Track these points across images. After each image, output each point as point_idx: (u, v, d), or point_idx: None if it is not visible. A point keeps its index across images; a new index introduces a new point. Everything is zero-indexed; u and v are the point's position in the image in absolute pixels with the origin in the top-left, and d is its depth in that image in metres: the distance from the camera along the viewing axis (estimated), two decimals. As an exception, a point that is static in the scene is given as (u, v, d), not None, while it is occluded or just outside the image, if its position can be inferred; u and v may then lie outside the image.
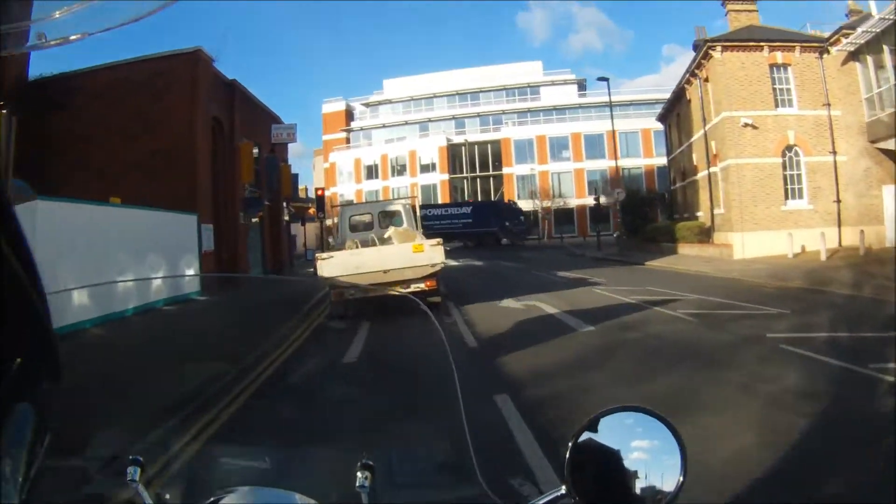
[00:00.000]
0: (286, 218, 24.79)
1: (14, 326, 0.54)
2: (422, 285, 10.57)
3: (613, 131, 28.96)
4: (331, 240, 21.78)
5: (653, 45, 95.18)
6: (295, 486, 1.17)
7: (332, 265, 10.70)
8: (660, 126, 51.83)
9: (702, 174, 24.75)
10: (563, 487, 1.00)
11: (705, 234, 23.32)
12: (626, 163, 53.61)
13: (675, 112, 29.70)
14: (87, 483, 1.38)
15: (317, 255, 12.26)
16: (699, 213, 25.75)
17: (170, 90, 17.81)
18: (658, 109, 53.01)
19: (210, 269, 16.39)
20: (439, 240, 11.16)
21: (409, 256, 10.69)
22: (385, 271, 10.46)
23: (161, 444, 2.71)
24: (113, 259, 12.16)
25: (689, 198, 27.75)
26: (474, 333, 8.93)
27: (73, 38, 0.65)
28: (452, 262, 26.92)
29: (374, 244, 11.89)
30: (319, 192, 20.65)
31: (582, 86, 62.54)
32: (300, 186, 41.30)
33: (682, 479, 0.99)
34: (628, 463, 1.00)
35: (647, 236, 26.66)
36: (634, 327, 8.72)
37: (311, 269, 15.58)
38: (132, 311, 12.09)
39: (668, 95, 29.24)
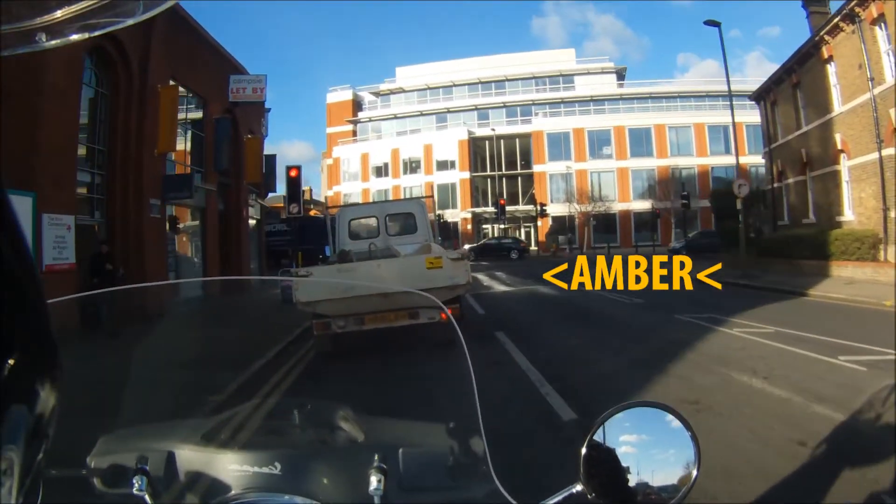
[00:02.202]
0: (251, 215, 17.13)
1: (10, 324, 0.50)
2: (436, 316, 7.36)
3: (731, 108, 20.63)
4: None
5: (668, 54, 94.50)
6: (306, 492, 1.13)
7: (311, 286, 7.71)
8: (716, 120, 44.64)
9: (856, 160, 16.95)
10: (578, 484, 0.97)
11: (874, 249, 15.53)
12: (677, 161, 45.79)
13: (788, 83, 21.89)
14: (90, 496, 1.23)
15: (294, 270, 10.40)
16: (841, 218, 17.96)
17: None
18: (709, 102, 46.15)
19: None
20: (464, 251, 8.78)
21: (422, 274, 7.79)
22: (385, 295, 7.29)
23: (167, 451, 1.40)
24: None
25: (818, 197, 19.93)
26: None
27: (73, 38, 0.64)
28: (496, 286, 18.90)
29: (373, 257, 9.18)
30: (292, 173, 12.94)
31: (621, 75, 54.76)
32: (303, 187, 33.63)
33: (695, 474, 0.96)
34: (643, 459, 0.97)
35: (770, 249, 18.80)
36: None
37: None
38: None
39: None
